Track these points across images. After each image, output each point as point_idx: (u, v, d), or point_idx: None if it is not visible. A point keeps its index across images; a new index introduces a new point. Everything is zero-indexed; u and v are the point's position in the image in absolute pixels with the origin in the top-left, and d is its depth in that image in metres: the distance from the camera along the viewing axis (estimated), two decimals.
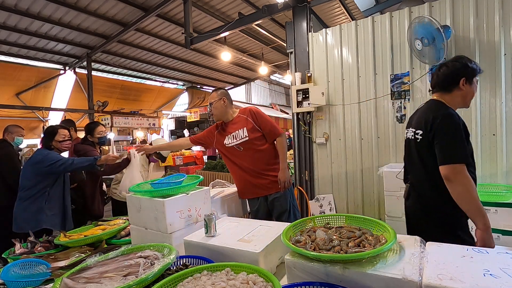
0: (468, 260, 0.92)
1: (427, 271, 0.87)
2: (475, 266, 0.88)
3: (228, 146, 2.36)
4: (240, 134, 2.31)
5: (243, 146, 2.30)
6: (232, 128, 2.36)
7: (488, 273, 0.83)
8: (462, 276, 0.82)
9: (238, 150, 2.32)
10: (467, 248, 1.00)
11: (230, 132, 2.36)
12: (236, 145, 2.32)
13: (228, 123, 2.41)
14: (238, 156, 2.35)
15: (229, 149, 2.38)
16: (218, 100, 2.38)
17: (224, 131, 2.43)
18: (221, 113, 2.40)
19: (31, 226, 2.35)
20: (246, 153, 2.31)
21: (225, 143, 2.38)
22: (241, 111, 2.43)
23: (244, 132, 2.30)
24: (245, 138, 2.28)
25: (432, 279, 0.82)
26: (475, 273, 0.84)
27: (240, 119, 2.37)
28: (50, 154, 2.51)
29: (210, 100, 2.42)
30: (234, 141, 2.33)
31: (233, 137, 2.34)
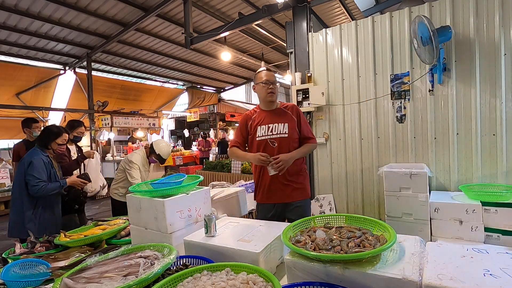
0: (468, 260, 0.92)
1: (427, 271, 0.87)
2: (475, 266, 0.88)
3: (260, 139, 2.11)
4: (279, 128, 2.09)
5: (278, 142, 2.07)
6: (272, 119, 2.12)
7: (488, 273, 0.83)
8: (462, 276, 0.82)
9: (271, 145, 2.08)
10: (467, 248, 1.00)
11: (268, 122, 2.11)
12: (271, 139, 2.08)
13: (270, 112, 2.16)
14: (268, 152, 2.06)
15: (260, 142, 2.11)
16: (277, 83, 2.14)
17: (257, 121, 2.16)
18: (276, 97, 2.16)
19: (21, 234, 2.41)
20: (279, 150, 2.06)
21: (257, 135, 2.13)
22: (283, 105, 2.22)
23: (285, 128, 2.09)
24: (284, 134, 2.07)
25: (432, 279, 0.82)
26: (475, 273, 0.84)
27: (283, 113, 2.15)
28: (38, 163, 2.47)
29: (272, 78, 2.13)
30: (270, 134, 2.09)
31: (269, 130, 2.10)
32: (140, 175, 3.31)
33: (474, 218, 2.22)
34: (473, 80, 2.74)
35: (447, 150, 2.87)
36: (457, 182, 2.82)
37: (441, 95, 2.89)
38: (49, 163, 2.56)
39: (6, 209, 6.30)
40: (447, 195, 2.59)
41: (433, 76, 2.88)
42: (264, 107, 2.20)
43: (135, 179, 3.20)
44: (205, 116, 12.97)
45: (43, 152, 2.56)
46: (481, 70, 2.70)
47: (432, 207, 2.40)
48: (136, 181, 3.17)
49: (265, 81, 2.10)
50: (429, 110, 2.95)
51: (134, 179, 3.20)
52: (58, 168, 2.73)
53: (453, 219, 2.29)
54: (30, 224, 2.45)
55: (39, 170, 2.45)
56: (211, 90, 11.72)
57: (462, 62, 2.79)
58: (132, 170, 3.26)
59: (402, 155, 3.14)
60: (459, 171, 2.83)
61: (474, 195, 2.33)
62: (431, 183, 2.92)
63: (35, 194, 2.42)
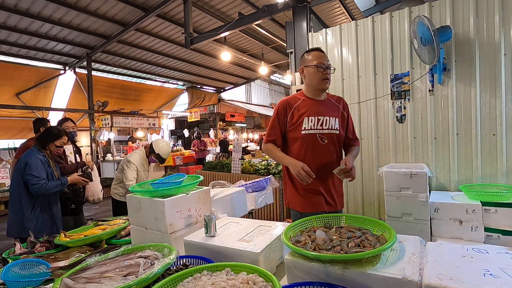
0: (468, 260, 0.92)
1: (427, 271, 0.87)
2: (475, 266, 0.88)
3: (307, 132, 1.76)
4: (331, 123, 1.78)
5: (329, 139, 1.77)
6: (322, 111, 1.79)
7: (488, 273, 0.83)
8: (462, 276, 0.82)
9: (320, 142, 1.75)
10: (467, 248, 1.00)
11: (317, 114, 1.77)
12: (320, 135, 1.75)
13: (319, 102, 1.83)
14: (316, 150, 1.74)
15: (306, 137, 1.76)
16: (331, 68, 1.81)
17: (303, 110, 1.79)
18: (318, 81, 1.78)
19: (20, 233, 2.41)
20: (328, 149, 1.76)
21: (302, 127, 1.77)
22: (330, 96, 1.91)
23: (336, 123, 1.79)
24: (335, 131, 1.78)
25: (432, 279, 0.82)
26: (475, 273, 0.84)
27: (333, 105, 1.86)
28: (35, 162, 2.47)
29: (327, 61, 1.80)
30: (320, 128, 1.76)
31: (319, 122, 1.76)
32: (136, 175, 3.30)
33: (474, 218, 2.22)
34: (473, 80, 2.74)
35: (447, 150, 2.87)
36: (457, 182, 2.82)
37: (441, 95, 2.89)
38: (46, 163, 2.56)
39: (6, 209, 6.30)
40: (447, 195, 2.59)
41: (433, 76, 2.87)
42: (312, 94, 1.84)
43: (130, 180, 3.20)
44: (205, 116, 12.99)
45: (40, 152, 2.57)
46: (481, 70, 2.70)
47: (432, 207, 2.40)
48: (130, 183, 3.17)
49: (319, 64, 1.75)
50: (429, 110, 2.95)
51: (128, 180, 3.20)
52: (56, 167, 2.73)
53: (453, 219, 2.29)
54: (29, 223, 2.45)
55: (38, 169, 2.45)
56: (211, 90, 11.72)
57: (462, 62, 2.79)
58: (128, 170, 3.25)
59: (402, 155, 3.14)
60: (459, 171, 2.83)
61: (474, 195, 2.33)
62: (431, 183, 2.92)
63: (37, 192, 2.42)
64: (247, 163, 5.27)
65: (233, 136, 13.25)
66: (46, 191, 2.44)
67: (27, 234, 2.03)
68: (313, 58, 1.80)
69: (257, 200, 2.71)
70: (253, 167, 5.06)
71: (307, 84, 1.86)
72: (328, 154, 1.77)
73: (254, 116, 14.44)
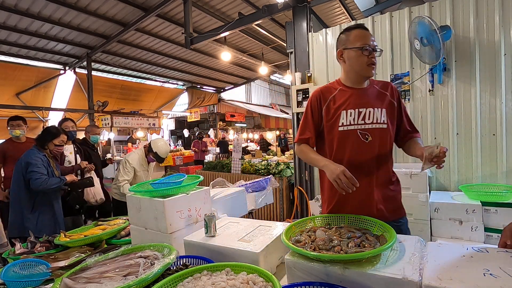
0: (468, 260, 0.92)
1: (427, 272, 0.87)
2: (475, 266, 0.88)
3: (345, 129, 1.45)
4: (375, 115, 1.44)
5: (374, 135, 1.43)
6: (364, 101, 1.46)
7: (488, 272, 0.83)
8: (462, 276, 0.82)
9: (363, 140, 1.43)
10: (467, 248, 1.00)
11: (358, 106, 1.45)
12: (362, 131, 1.43)
13: (360, 91, 1.50)
14: (358, 150, 1.43)
15: (345, 134, 1.45)
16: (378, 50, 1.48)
17: (341, 102, 1.49)
18: (362, 67, 1.47)
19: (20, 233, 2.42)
20: (373, 147, 1.43)
21: (339, 123, 1.46)
22: (375, 82, 1.56)
23: (383, 115, 1.44)
24: (382, 125, 1.43)
25: (432, 280, 0.82)
26: (475, 273, 0.84)
27: (379, 93, 1.51)
28: (36, 161, 2.49)
29: (373, 42, 1.46)
30: (361, 122, 1.44)
31: (360, 116, 1.44)
32: (131, 177, 3.29)
33: (474, 218, 2.22)
34: (473, 80, 2.74)
35: (447, 150, 2.87)
36: (457, 182, 2.82)
37: (441, 95, 2.89)
38: (46, 162, 2.58)
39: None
40: (447, 195, 2.59)
41: (433, 76, 2.88)
42: (352, 83, 1.52)
43: (120, 181, 3.21)
44: (205, 116, 12.98)
45: (40, 151, 2.59)
46: (481, 70, 2.70)
47: (432, 207, 2.40)
48: (120, 184, 3.19)
49: (364, 46, 1.42)
50: (429, 110, 2.95)
51: (118, 182, 3.21)
52: (56, 167, 2.74)
53: (453, 219, 2.29)
54: (28, 223, 2.46)
55: (39, 166, 2.49)
56: (211, 90, 11.72)
57: (462, 62, 2.79)
58: (122, 171, 3.25)
59: (402, 155, 3.13)
60: (459, 171, 2.83)
61: (474, 195, 2.33)
62: (431, 183, 2.92)
63: (38, 187, 2.44)
64: (247, 163, 5.28)
65: (233, 136, 13.25)
66: (47, 186, 2.46)
67: (27, 233, 2.04)
68: (356, 38, 1.44)
69: (257, 200, 2.71)
70: (253, 167, 5.07)
71: (346, 70, 1.53)
72: (373, 154, 1.42)
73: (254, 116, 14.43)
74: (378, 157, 1.44)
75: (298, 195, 4.03)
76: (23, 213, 2.49)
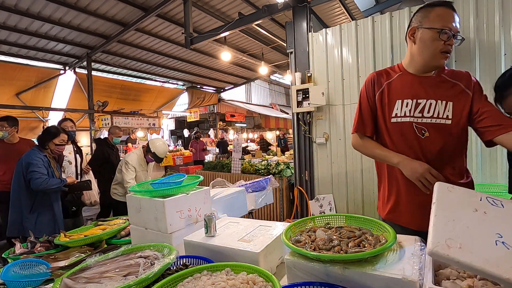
0: (481, 217, 0.81)
1: (435, 232, 0.77)
2: (487, 228, 0.78)
3: (398, 121, 1.31)
4: (438, 109, 1.26)
5: (432, 131, 1.27)
6: (426, 91, 1.29)
7: (500, 240, 0.74)
8: (472, 243, 0.74)
9: (418, 135, 1.28)
10: (480, 198, 0.87)
11: (417, 96, 1.28)
12: (418, 124, 1.27)
13: (423, 79, 1.31)
14: (411, 146, 1.29)
15: (397, 127, 1.31)
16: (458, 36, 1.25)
17: (397, 90, 1.33)
18: (433, 53, 1.26)
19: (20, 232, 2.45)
20: (430, 144, 1.27)
21: (393, 114, 1.32)
22: (445, 71, 1.33)
23: (449, 108, 1.25)
24: (445, 120, 1.26)
25: (440, 247, 0.73)
26: (487, 239, 0.75)
27: (445, 84, 1.30)
28: (37, 162, 2.50)
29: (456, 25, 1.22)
30: (418, 115, 1.27)
31: (418, 108, 1.28)
32: (134, 176, 3.30)
33: None
34: None
35: None
36: None
37: None
38: (47, 162, 2.58)
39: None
40: None
41: None
42: (415, 69, 1.33)
43: (128, 182, 3.21)
44: (205, 116, 12.99)
45: (41, 152, 2.59)
46: (481, 70, 2.70)
47: None
48: (129, 184, 3.18)
49: (444, 29, 1.20)
50: None
51: (126, 183, 3.21)
52: (57, 167, 2.74)
53: None
54: (28, 223, 2.47)
55: (40, 166, 2.50)
56: (211, 90, 11.72)
57: (462, 62, 2.79)
58: (126, 173, 3.25)
59: None
60: None
61: None
62: None
63: (38, 187, 2.44)
64: (247, 163, 5.28)
65: (233, 136, 13.25)
66: (47, 187, 2.47)
67: (27, 233, 2.04)
68: (437, 18, 1.22)
69: (257, 200, 2.71)
70: (253, 167, 5.07)
71: (413, 53, 1.32)
72: (431, 152, 1.26)
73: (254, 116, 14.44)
74: (437, 157, 1.27)
75: (298, 195, 4.03)
76: (22, 213, 2.49)
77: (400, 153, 1.30)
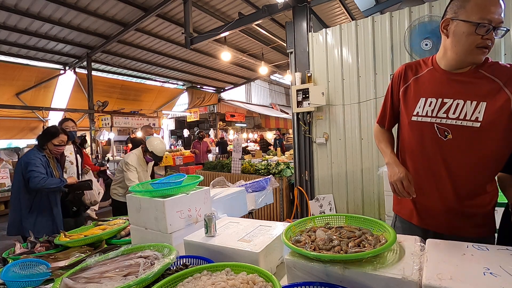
0: (468, 258, 0.92)
1: (427, 271, 0.86)
2: (475, 265, 0.87)
3: (418, 119, 1.22)
4: (465, 109, 1.12)
5: (456, 134, 1.15)
6: (454, 89, 1.16)
7: (488, 271, 0.83)
8: (461, 275, 0.82)
9: (440, 137, 1.17)
10: (467, 245, 1.00)
11: (443, 94, 1.17)
12: (441, 125, 1.16)
13: (453, 76, 1.18)
14: (431, 147, 1.20)
15: (417, 127, 1.23)
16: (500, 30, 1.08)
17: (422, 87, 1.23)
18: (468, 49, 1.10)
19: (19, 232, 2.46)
20: (454, 148, 1.16)
21: (414, 112, 1.23)
22: (488, 65, 1.14)
23: (480, 109, 1.10)
24: (473, 122, 1.11)
25: (432, 279, 0.82)
26: (475, 272, 0.84)
27: (480, 81, 1.13)
28: (35, 161, 2.50)
29: (501, 13, 1.05)
30: (443, 115, 1.16)
31: (442, 107, 1.17)
32: (137, 176, 3.30)
33: None
34: None
35: None
36: None
37: None
38: (46, 162, 2.58)
39: (6, 209, 6.31)
40: None
41: None
42: (448, 64, 1.19)
43: (132, 181, 3.20)
44: (205, 116, 12.99)
45: (40, 151, 2.59)
46: None
47: None
48: (133, 183, 3.17)
49: (482, 23, 1.05)
50: None
51: (130, 182, 3.20)
52: (57, 167, 2.73)
53: None
54: (27, 223, 2.47)
55: (38, 165, 2.49)
56: (211, 90, 11.72)
57: None
58: (128, 172, 3.25)
59: None
60: None
61: None
62: None
63: (36, 186, 2.44)
64: (247, 163, 5.28)
65: (232, 136, 13.25)
66: (46, 186, 2.45)
67: (26, 233, 2.04)
68: (475, 8, 1.06)
69: (257, 200, 2.71)
70: (253, 167, 5.07)
71: (446, 47, 1.18)
72: (454, 156, 1.15)
73: (254, 116, 14.45)
74: (460, 163, 1.16)
75: (298, 195, 4.03)
76: (21, 212, 2.49)
77: (416, 154, 1.26)
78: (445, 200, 1.20)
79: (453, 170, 1.17)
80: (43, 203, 2.57)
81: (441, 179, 1.20)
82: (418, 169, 1.25)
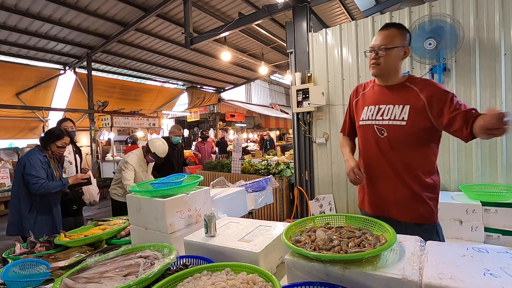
0: (468, 260, 0.92)
1: (427, 271, 0.87)
2: (475, 266, 0.88)
3: (364, 123, 1.56)
4: (394, 112, 1.46)
5: (389, 131, 1.47)
6: (386, 98, 1.51)
7: (488, 272, 0.83)
8: (462, 275, 0.82)
9: (378, 135, 1.50)
10: (467, 248, 1.00)
11: (378, 102, 1.53)
12: (379, 126, 1.50)
13: (385, 88, 1.54)
14: (374, 143, 1.52)
15: (364, 129, 1.57)
16: (400, 48, 1.45)
17: (365, 98, 1.62)
18: (390, 67, 1.48)
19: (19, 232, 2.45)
20: (388, 142, 1.48)
21: (361, 117, 1.59)
22: (411, 79, 1.50)
23: (404, 112, 1.43)
24: (399, 121, 1.44)
25: (432, 279, 0.82)
26: (475, 272, 0.84)
27: (404, 91, 1.48)
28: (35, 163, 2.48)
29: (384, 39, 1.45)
30: (379, 118, 1.50)
31: (378, 112, 1.51)
32: (134, 176, 3.29)
33: (474, 218, 2.23)
34: (473, 80, 2.74)
35: (447, 150, 2.87)
36: (457, 182, 2.82)
37: None
38: (46, 163, 2.57)
39: (6, 209, 6.31)
40: (447, 195, 2.59)
41: (433, 76, 2.88)
42: (379, 80, 1.58)
43: (128, 180, 3.19)
44: (205, 116, 12.99)
45: (41, 152, 2.58)
46: (481, 70, 2.70)
47: None
48: (128, 182, 3.17)
49: (368, 49, 1.53)
50: None
51: (126, 180, 3.20)
52: (57, 168, 2.73)
53: (453, 219, 2.29)
54: (26, 223, 2.46)
55: (37, 169, 2.47)
56: (211, 90, 11.72)
57: (462, 62, 2.79)
58: (125, 171, 3.24)
59: None
60: (459, 171, 2.83)
61: (474, 195, 2.33)
62: None
63: (36, 191, 2.43)
64: (247, 163, 5.27)
65: (232, 136, 13.24)
66: (46, 190, 2.44)
67: (26, 233, 2.03)
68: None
69: (257, 200, 2.71)
70: (253, 167, 5.07)
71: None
72: (390, 150, 1.46)
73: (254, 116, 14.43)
74: (396, 155, 1.47)
75: (298, 195, 4.03)
76: (21, 213, 2.49)
77: (366, 150, 1.58)
78: (393, 187, 1.48)
79: (392, 161, 1.47)
80: (43, 203, 2.57)
81: (385, 170, 1.50)
82: (368, 163, 1.56)
